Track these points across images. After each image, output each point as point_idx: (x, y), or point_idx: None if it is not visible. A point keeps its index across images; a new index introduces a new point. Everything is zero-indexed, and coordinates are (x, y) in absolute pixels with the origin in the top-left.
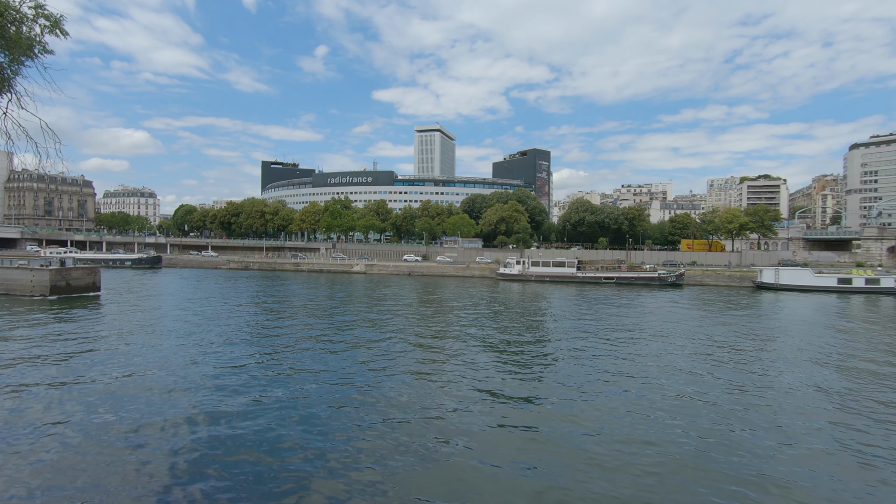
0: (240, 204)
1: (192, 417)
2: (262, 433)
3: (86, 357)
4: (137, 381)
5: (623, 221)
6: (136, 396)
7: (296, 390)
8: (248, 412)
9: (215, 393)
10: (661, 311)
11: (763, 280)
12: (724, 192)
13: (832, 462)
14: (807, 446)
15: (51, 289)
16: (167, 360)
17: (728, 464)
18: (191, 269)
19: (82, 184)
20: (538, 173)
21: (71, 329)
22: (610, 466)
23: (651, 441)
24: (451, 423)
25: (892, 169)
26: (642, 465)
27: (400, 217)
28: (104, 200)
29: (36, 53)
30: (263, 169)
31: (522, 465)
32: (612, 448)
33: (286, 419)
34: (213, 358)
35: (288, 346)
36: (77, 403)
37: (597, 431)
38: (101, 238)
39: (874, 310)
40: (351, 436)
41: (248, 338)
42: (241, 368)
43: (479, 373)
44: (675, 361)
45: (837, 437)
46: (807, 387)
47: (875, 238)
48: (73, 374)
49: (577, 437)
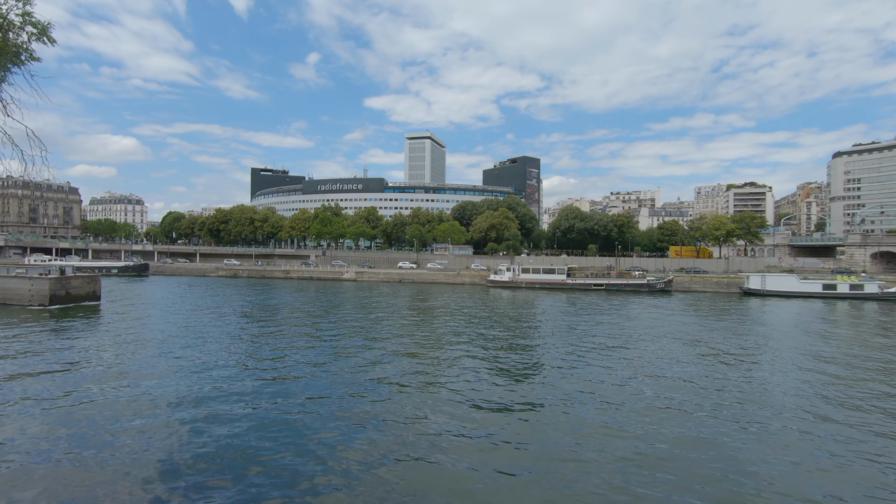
0: (229, 211)
1: (203, 430)
2: (262, 442)
3: (94, 370)
4: (146, 396)
5: (612, 228)
6: (144, 413)
7: (291, 400)
8: (245, 419)
9: (229, 405)
10: (650, 318)
11: (750, 286)
12: (711, 199)
13: (814, 463)
14: (790, 450)
15: (50, 298)
16: (179, 371)
17: (722, 470)
18: (179, 276)
19: (68, 190)
20: (528, 180)
21: (77, 342)
22: (598, 472)
23: (638, 440)
24: (441, 431)
25: (874, 176)
26: (630, 469)
27: (390, 224)
28: (90, 207)
29: (23, 60)
30: (253, 176)
31: (510, 471)
32: (602, 455)
33: (286, 425)
34: (227, 370)
35: (285, 354)
36: (83, 420)
37: (587, 436)
38: (86, 245)
39: (858, 315)
40: (342, 445)
41: (260, 350)
42: (247, 380)
43: (469, 381)
44: (665, 367)
45: (815, 435)
46: (798, 393)
47: (859, 244)
48: (78, 389)
49: (567, 444)
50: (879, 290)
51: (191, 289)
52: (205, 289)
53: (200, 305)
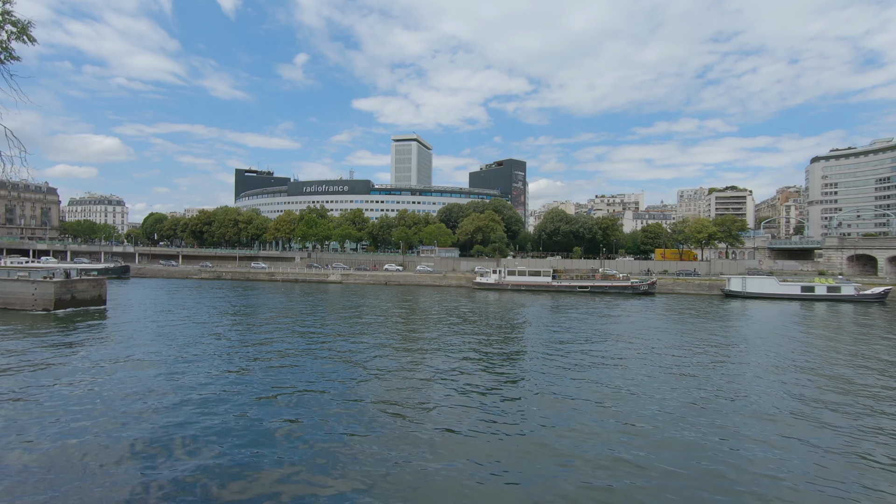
0: (212, 212)
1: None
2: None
3: (116, 382)
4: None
5: (597, 231)
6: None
7: (288, 405)
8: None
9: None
10: (633, 319)
11: (731, 288)
12: (693, 202)
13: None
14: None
15: (55, 303)
16: (210, 381)
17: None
18: (160, 279)
19: (46, 191)
20: (514, 183)
21: (91, 350)
22: (583, 472)
23: (624, 440)
24: (426, 432)
25: (850, 181)
26: (616, 469)
27: (376, 226)
28: (69, 208)
29: (2, 60)
30: (237, 177)
31: (495, 471)
32: (586, 457)
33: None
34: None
35: (282, 358)
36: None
37: (569, 434)
38: (65, 247)
39: (835, 317)
40: (330, 450)
41: (270, 355)
42: (250, 388)
43: (455, 381)
44: (647, 368)
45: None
46: (771, 392)
47: (836, 248)
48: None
49: (552, 443)
50: (856, 292)
51: (177, 291)
52: (197, 291)
53: (207, 309)
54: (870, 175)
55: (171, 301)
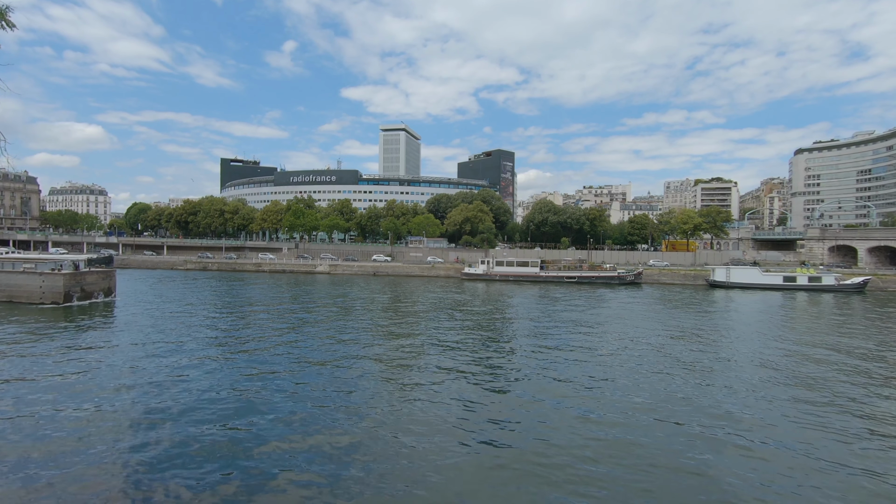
0: (198, 202)
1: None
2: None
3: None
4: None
5: (585, 222)
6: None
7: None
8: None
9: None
10: (620, 309)
11: (715, 279)
12: (679, 193)
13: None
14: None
15: (65, 296)
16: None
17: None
18: (145, 269)
19: (25, 180)
20: (503, 174)
21: (110, 351)
22: (571, 470)
23: (613, 434)
24: (413, 431)
25: (832, 173)
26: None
27: (364, 217)
28: (50, 198)
29: None
30: (223, 166)
31: (484, 470)
32: (572, 455)
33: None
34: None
35: (275, 350)
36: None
37: (559, 427)
38: (46, 238)
39: (815, 306)
40: (321, 453)
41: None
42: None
43: (443, 373)
44: (633, 357)
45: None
46: (752, 377)
47: (818, 238)
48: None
49: (542, 438)
50: (836, 282)
51: (169, 282)
52: (197, 283)
53: (217, 301)
54: (851, 167)
55: (172, 292)
